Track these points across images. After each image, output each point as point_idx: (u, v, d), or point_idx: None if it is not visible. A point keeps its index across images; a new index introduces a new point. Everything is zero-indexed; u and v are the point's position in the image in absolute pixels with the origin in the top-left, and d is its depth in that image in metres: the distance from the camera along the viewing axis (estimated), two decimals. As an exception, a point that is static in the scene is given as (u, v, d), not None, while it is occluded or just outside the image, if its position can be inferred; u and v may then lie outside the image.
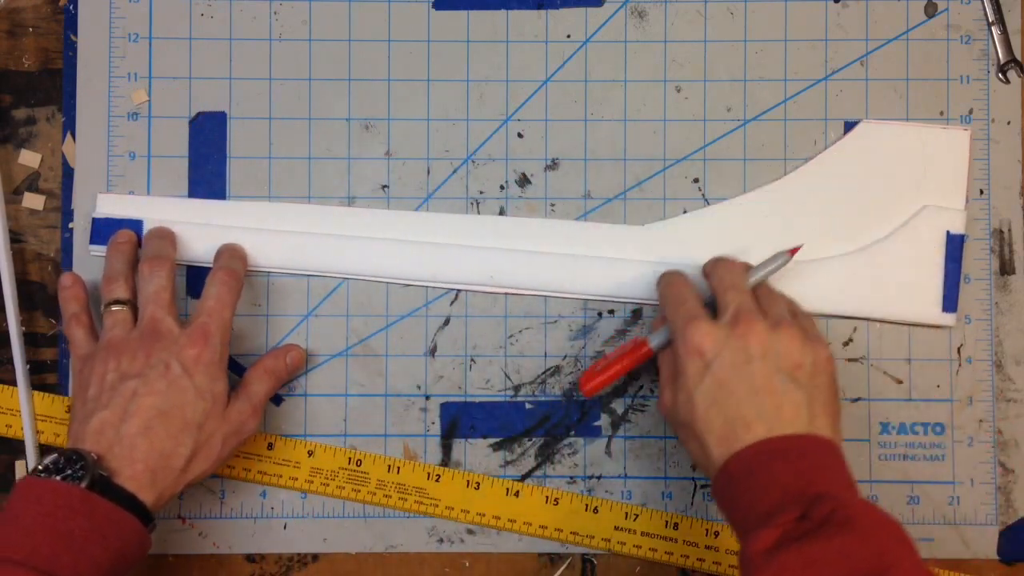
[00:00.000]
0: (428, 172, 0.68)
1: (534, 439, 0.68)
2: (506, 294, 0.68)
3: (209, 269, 0.67)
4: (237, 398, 0.63)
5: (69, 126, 0.68)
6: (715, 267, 0.62)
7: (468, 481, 0.67)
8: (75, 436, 0.59)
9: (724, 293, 0.60)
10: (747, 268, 0.63)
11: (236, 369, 0.67)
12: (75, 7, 0.68)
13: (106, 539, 0.55)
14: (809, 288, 0.67)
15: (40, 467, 0.56)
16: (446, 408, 0.68)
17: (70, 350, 0.64)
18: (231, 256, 0.66)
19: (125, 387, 0.59)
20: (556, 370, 0.68)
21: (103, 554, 0.54)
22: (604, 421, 0.68)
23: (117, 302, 0.63)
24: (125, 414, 0.58)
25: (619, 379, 0.65)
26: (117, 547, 0.55)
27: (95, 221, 0.67)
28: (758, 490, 0.53)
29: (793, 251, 0.63)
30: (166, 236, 0.66)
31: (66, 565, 0.53)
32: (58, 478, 0.55)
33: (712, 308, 0.60)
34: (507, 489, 0.67)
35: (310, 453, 0.67)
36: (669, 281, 0.63)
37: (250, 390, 0.64)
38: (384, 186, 0.68)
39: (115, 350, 0.61)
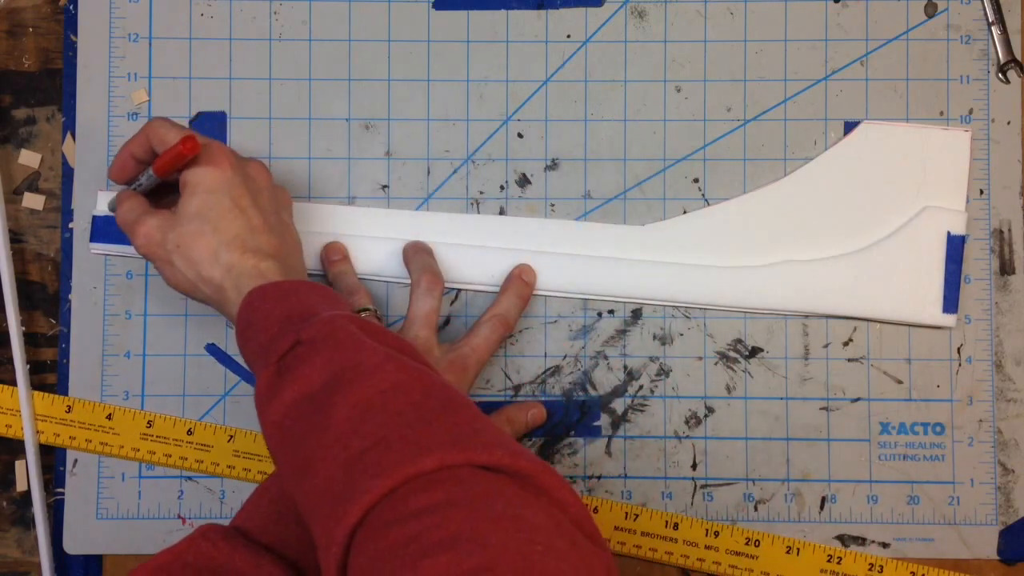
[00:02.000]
0: (428, 172, 0.68)
1: (534, 439, 0.68)
2: (506, 294, 0.68)
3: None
4: None
5: (69, 126, 0.68)
6: None
7: (468, 481, 0.67)
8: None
9: None
10: None
11: (245, 377, 0.67)
12: (75, 7, 0.68)
13: None
14: (809, 288, 0.67)
15: None
16: (446, 408, 0.68)
17: None
18: (512, 307, 0.66)
19: None
20: (556, 370, 0.68)
21: None
22: (604, 421, 0.68)
23: (364, 311, 0.64)
24: None
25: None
26: None
27: (95, 219, 0.67)
28: (260, 328, 0.54)
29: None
30: (431, 251, 0.67)
31: None
32: None
33: None
34: (507, 489, 0.67)
35: (310, 453, 0.67)
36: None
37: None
38: (384, 186, 0.68)
39: None
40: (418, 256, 0.65)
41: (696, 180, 0.68)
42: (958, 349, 0.67)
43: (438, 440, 0.46)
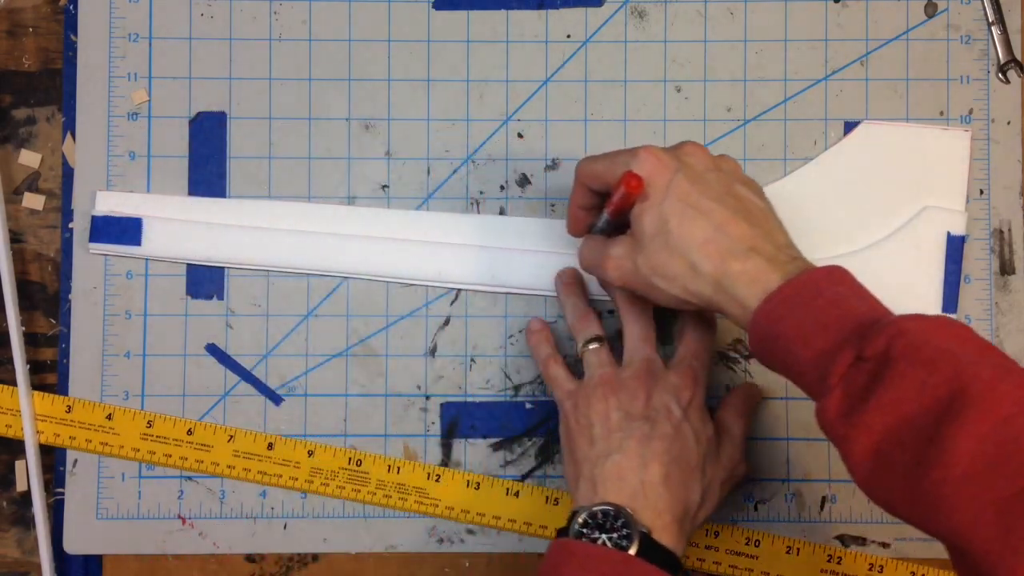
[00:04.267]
0: (428, 172, 0.68)
1: (534, 439, 0.68)
2: (506, 294, 0.68)
3: (207, 268, 0.68)
4: (723, 442, 0.61)
5: (69, 126, 0.68)
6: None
7: (468, 481, 0.67)
8: (589, 477, 0.58)
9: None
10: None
11: (246, 377, 0.68)
12: (75, 7, 0.68)
13: None
14: (809, 288, 0.67)
15: (579, 525, 0.55)
16: (446, 408, 0.68)
17: (552, 387, 0.63)
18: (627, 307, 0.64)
19: (634, 429, 0.58)
20: (556, 370, 0.68)
21: None
22: (604, 421, 0.68)
23: (596, 339, 0.62)
24: (642, 460, 0.57)
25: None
26: None
27: (94, 219, 0.67)
28: (797, 341, 0.50)
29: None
30: None
31: None
32: (603, 537, 0.55)
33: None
34: (507, 489, 0.67)
35: (310, 453, 0.67)
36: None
37: (732, 433, 0.62)
38: (384, 186, 0.68)
39: (611, 388, 0.59)
40: None
41: (696, 180, 0.68)
42: (958, 349, 0.67)
43: None
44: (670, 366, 0.61)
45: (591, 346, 0.62)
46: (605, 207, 0.59)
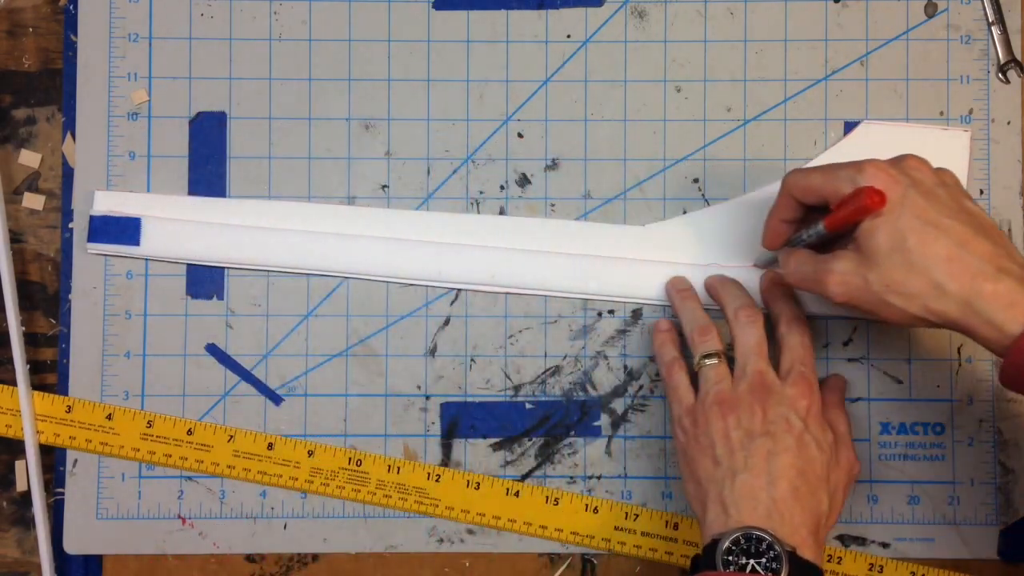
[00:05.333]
0: (428, 172, 0.68)
1: (534, 439, 0.68)
2: (506, 294, 0.68)
3: (207, 268, 0.68)
4: (838, 445, 0.61)
5: (69, 126, 0.68)
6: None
7: (468, 481, 0.67)
8: (718, 500, 0.57)
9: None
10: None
11: (247, 378, 0.68)
12: (75, 7, 0.68)
13: None
14: (809, 288, 0.67)
15: (723, 552, 0.55)
16: (446, 408, 0.68)
17: (671, 397, 0.63)
18: (794, 300, 0.64)
19: (756, 446, 0.57)
20: (556, 370, 0.68)
21: None
22: (604, 421, 0.68)
23: (715, 354, 0.61)
24: (769, 476, 0.57)
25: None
26: None
27: (92, 219, 0.67)
28: None
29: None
30: (737, 282, 0.65)
31: None
32: (752, 563, 0.54)
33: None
34: (507, 489, 0.67)
35: (310, 453, 0.67)
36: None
37: (840, 432, 0.61)
38: (384, 186, 0.68)
39: (728, 405, 0.59)
40: (727, 288, 0.63)
41: (696, 180, 0.68)
42: (958, 349, 0.67)
43: None
44: (780, 376, 0.61)
45: (708, 361, 0.61)
46: (822, 220, 0.57)
